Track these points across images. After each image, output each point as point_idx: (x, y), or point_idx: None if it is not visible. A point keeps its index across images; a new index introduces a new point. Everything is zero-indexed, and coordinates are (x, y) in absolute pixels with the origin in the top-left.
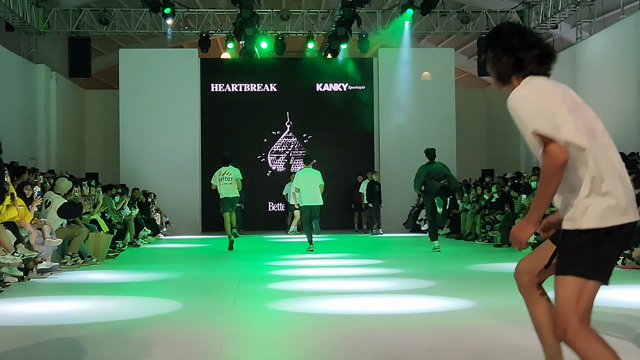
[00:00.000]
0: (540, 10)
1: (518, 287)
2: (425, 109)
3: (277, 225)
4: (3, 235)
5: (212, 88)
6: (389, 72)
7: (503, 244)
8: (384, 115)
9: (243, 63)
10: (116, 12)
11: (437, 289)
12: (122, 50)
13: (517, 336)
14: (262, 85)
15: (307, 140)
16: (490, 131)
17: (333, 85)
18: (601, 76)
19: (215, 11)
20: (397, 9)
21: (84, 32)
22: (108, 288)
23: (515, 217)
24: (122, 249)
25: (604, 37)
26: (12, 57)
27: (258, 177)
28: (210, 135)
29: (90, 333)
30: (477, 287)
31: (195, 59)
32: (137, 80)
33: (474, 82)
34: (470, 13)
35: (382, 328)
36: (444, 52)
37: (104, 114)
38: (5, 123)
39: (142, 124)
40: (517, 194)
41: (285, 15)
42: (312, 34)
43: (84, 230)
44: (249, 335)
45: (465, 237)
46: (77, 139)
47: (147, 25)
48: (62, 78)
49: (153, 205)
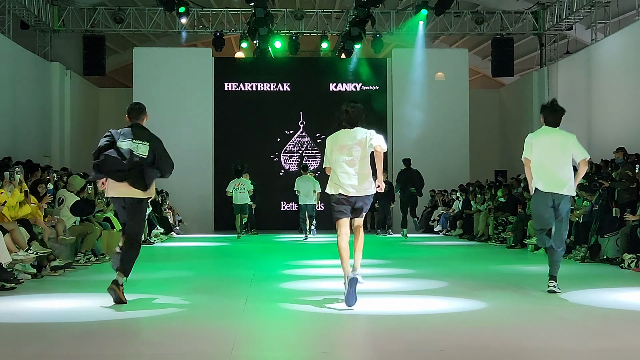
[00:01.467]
0: (555, 12)
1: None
2: (439, 110)
3: (290, 224)
4: (17, 232)
5: (225, 87)
6: (402, 73)
7: (516, 245)
8: (397, 116)
9: (257, 62)
10: (131, 10)
11: (449, 289)
12: (136, 49)
13: (529, 337)
14: (275, 85)
15: (319, 140)
16: (504, 132)
17: (347, 85)
18: (616, 77)
19: (229, 10)
20: (411, 9)
21: (99, 30)
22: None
23: (527, 218)
24: None
25: (619, 38)
26: (27, 55)
27: (271, 176)
28: (224, 134)
29: (102, 330)
30: (489, 288)
31: (209, 58)
32: (151, 78)
33: (488, 83)
34: (485, 14)
35: (393, 328)
36: (458, 53)
37: (117, 113)
38: (20, 121)
39: (156, 123)
40: (530, 196)
41: (300, 14)
42: (326, 33)
43: (97, 228)
44: (261, 334)
45: (478, 238)
46: (91, 137)
47: (162, 24)
48: (76, 76)
49: (165, 204)
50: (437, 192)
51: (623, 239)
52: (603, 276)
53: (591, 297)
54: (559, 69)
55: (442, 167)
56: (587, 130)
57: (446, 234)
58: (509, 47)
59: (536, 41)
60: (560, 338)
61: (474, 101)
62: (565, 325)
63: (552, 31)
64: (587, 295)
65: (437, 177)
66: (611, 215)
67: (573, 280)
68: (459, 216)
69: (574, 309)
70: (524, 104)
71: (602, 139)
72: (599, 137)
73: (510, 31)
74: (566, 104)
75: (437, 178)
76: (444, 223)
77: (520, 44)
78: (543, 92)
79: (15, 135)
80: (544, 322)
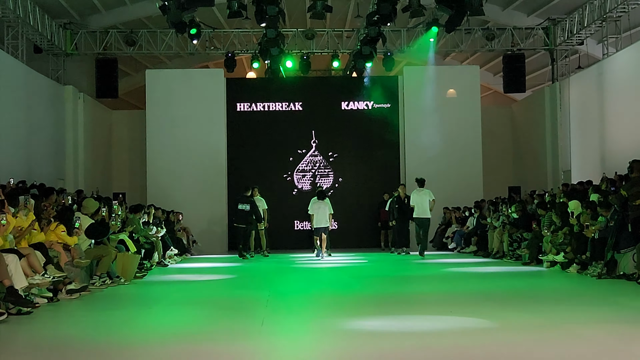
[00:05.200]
0: (566, 27)
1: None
2: (451, 127)
3: (303, 244)
4: (32, 256)
5: (238, 107)
6: (414, 90)
7: (531, 262)
8: (409, 134)
9: (268, 82)
10: (143, 33)
11: (464, 308)
12: (148, 71)
13: (543, 355)
14: (287, 104)
15: (332, 158)
16: (517, 148)
17: (358, 104)
18: (629, 92)
19: (240, 31)
20: (422, 26)
21: (111, 53)
22: (135, 307)
23: (542, 235)
24: (149, 268)
25: (630, 52)
26: (41, 79)
27: (284, 196)
28: (237, 155)
29: (117, 351)
30: (504, 305)
31: (221, 79)
32: (163, 100)
33: (500, 99)
34: (495, 30)
35: (411, 347)
36: (470, 70)
37: (131, 135)
38: (34, 144)
39: (169, 144)
40: (545, 212)
41: (310, 34)
42: (337, 52)
43: (112, 251)
44: (277, 355)
45: (493, 255)
46: (105, 160)
47: (174, 46)
48: (89, 99)
49: (179, 224)
50: (451, 209)
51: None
52: (620, 292)
53: (609, 313)
54: (571, 84)
55: (455, 184)
56: (600, 144)
57: (460, 251)
58: (521, 63)
59: (547, 57)
60: (576, 356)
61: (486, 118)
62: (584, 342)
63: (563, 46)
64: (604, 311)
65: (450, 194)
66: (627, 231)
67: (590, 296)
68: (473, 233)
69: (591, 326)
70: (536, 120)
71: (616, 153)
72: (613, 152)
73: (522, 47)
74: (578, 119)
75: (450, 195)
76: (458, 240)
77: (531, 60)
78: (555, 108)
79: (29, 158)
80: (563, 338)
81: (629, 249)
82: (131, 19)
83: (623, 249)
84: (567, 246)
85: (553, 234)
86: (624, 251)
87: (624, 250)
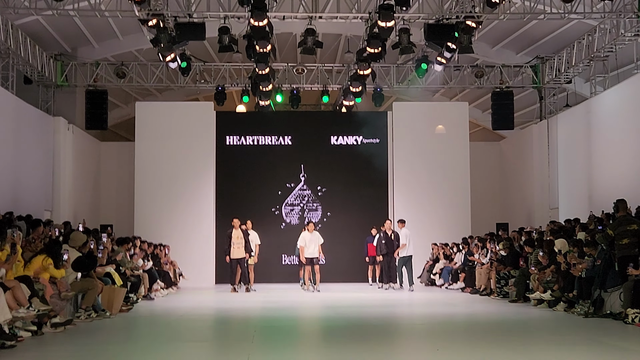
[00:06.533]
0: (554, 65)
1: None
2: (440, 163)
3: (291, 278)
4: (17, 289)
5: (227, 140)
6: (403, 126)
7: (518, 299)
8: (398, 168)
9: (258, 116)
10: (133, 65)
11: (452, 345)
12: (138, 103)
13: None
14: (277, 138)
15: (321, 192)
16: (505, 185)
17: (347, 138)
18: (616, 130)
19: (231, 65)
20: (411, 63)
21: (101, 85)
22: (120, 342)
23: (529, 273)
24: (135, 301)
25: (618, 91)
26: (30, 110)
27: (272, 230)
28: (225, 188)
29: None
30: (491, 342)
31: (211, 112)
32: (153, 132)
33: (488, 136)
34: (484, 67)
35: None
36: (458, 106)
37: (119, 166)
38: (22, 175)
39: (158, 176)
40: (532, 249)
41: (301, 69)
42: (327, 87)
43: (98, 284)
44: None
45: (480, 292)
46: (93, 191)
47: (164, 79)
48: (78, 130)
49: (166, 257)
50: (439, 245)
51: (627, 294)
52: (606, 331)
53: (594, 354)
54: (559, 121)
55: (443, 219)
56: (588, 182)
57: (448, 287)
58: (509, 100)
59: (536, 94)
60: None
61: (475, 154)
62: None
63: (551, 84)
64: (590, 352)
65: (438, 230)
66: (614, 270)
67: (576, 336)
68: (461, 269)
69: None
70: (524, 157)
71: (602, 191)
72: (600, 189)
73: (510, 84)
74: (566, 156)
75: (438, 231)
76: (446, 276)
77: (520, 97)
78: (543, 145)
79: (17, 189)
80: None
81: (615, 287)
82: (122, 51)
83: (610, 288)
84: (554, 284)
85: (540, 272)
86: (611, 290)
87: (611, 289)
